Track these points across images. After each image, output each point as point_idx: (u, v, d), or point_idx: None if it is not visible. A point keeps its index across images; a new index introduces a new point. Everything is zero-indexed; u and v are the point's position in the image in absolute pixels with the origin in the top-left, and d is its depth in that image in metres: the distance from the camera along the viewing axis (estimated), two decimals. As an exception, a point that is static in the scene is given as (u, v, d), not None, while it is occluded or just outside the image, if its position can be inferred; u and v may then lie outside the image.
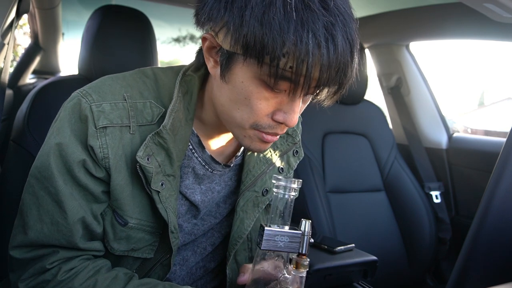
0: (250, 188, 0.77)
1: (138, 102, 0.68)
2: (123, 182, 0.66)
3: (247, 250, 0.81)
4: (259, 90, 0.59)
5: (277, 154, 0.80)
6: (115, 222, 0.67)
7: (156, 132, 0.65)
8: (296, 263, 0.64)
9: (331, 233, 1.43)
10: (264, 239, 0.62)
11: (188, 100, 0.70)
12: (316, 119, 1.60)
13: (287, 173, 0.82)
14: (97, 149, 0.64)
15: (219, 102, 0.65)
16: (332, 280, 1.03)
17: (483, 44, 2.02)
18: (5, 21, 1.02)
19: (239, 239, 0.77)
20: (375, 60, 2.00)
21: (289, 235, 0.63)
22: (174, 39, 4.09)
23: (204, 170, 0.75)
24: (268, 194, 0.78)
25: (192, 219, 0.76)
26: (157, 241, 0.71)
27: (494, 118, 4.63)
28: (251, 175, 0.77)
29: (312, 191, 1.46)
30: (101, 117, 0.64)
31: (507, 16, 0.95)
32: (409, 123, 1.88)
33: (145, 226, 0.69)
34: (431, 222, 1.61)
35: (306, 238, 0.64)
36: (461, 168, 1.75)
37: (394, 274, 1.55)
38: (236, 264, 0.80)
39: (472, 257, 0.57)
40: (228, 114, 0.64)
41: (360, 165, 1.63)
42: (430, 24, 1.69)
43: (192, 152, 0.73)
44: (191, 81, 0.70)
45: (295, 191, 0.64)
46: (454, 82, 6.65)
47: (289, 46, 0.53)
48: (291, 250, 0.64)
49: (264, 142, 0.66)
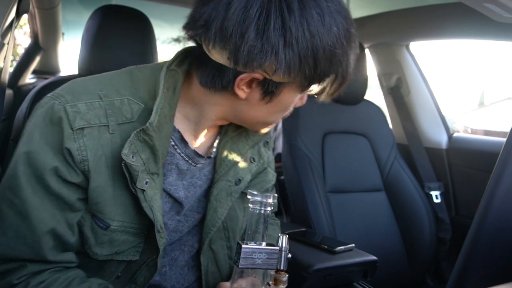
0: (223, 178, 0.77)
1: (115, 100, 0.66)
2: (103, 184, 0.64)
3: (224, 240, 0.81)
4: (296, 98, 0.70)
5: (249, 145, 0.81)
6: (96, 227, 0.66)
7: (141, 129, 0.64)
8: (274, 279, 0.64)
9: (331, 233, 1.43)
10: (241, 257, 0.61)
11: (171, 95, 0.69)
12: (316, 119, 1.60)
13: (258, 163, 0.83)
14: (75, 152, 0.62)
15: (252, 117, 0.71)
16: (332, 280, 1.03)
17: (483, 44, 2.02)
18: (5, 21, 1.02)
19: (212, 227, 0.76)
20: (375, 60, 2.00)
21: (267, 252, 0.62)
22: (174, 39, 4.10)
23: (187, 165, 0.75)
24: (241, 184, 0.79)
25: (176, 216, 0.75)
26: (142, 242, 0.70)
27: (494, 118, 4.63)
28: (224, 165, 0.78)
29: (312, 191, 1.46)
30: (77, 118, 0.62)
31: (507, 16, 0.95)
32: (409, 123, 1.88)
33: (129, 228, 0.67)
34: (431, 222, 1.61)
35: (284, 253, 0.64)
36: (461, 168, 1.75)
37: (394, 274, 1.55)
38: (212, 253, 0.79)
39: (472, 257, 0.57)
40: (260, 121, 0.73)
41: (360, 165, 1.63)
42: (430, 24, 1.69)
43: (175, 148, 0.72)
44: (175, 76, 0.70)
45: (271, 206, 0.64)
46: (454, 82, 6.66)
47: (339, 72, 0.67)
48: (269, 266, 0.63)
49: None
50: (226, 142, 0.79)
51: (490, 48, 13.50)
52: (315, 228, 1.41)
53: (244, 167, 0.80)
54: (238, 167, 0.79)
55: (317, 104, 1.71)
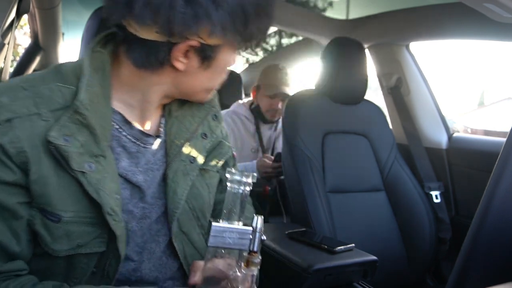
0: (176, 158, 0.76)
1: (42, 88, 0.64)
2: (46, 173, 0.61)
3: (194, 220, 0.79)
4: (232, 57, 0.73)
5: (196, 121, 0.81)
6: (48, 222, 0.63)
7: (74, 111, 0.62)
8: (246, 260, 0.62)
9: (331, 233, 1.43)
10: (211, 235, 0.60)
11: (101, 76, 0.68)
12: (316, 119, 1.60)
13: (211, 138, 0.82)
14: (8, 146, 0.59)
15: (194, 86, 0.73)
16: (332, 280, 1.04)
17: (483, 44, 2.02)
18: (5, 21, 1.02)
19: (175, 209, 0.75)
20: (375, 60, 2.00)
21: (239, 232, 0.61)
22: (174, 39, 4.10)
23: (136, 147, 0.73)
24: (196, 161, 0.78)
25: (140, 202, 0.73)
26: (105, 232, 0.67)
27: (494, 118, 4.63)
28: (174, 146, 0.77)
29: (312, 191, 1.46)
30: (1, 110, 0.60)
31: (507, 16, 0.95)
32: (409, 123, 1.88)
33: (84, 218, 0.65)
34: (431, 222, 1.61)
35: (258, 235, 0.62)
36: (461, 168, 1.75)
37: (394, 274, 1.55)
38: (185, 235, 0.78)
39: (472, 257, 0.57)
40: (202, 89, 0.74)
41: (360, 165, 1.63)
42: (430, 24, 1.69)
43: (120, 131, 0.71)
44: (101, 57, 0.69)
45: (249, 185, 0.63)
46: (454, 82, 6.66)
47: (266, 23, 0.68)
48: (240, 247, 0.62)
49: None
50: (172, 123, 0.78)
51: (490, 48, 13.52)
52: (315, 228, 1.41)
53: (196, 144, 0.79)
54: (190, 145, 0.78)
55: (317, 104, 1.71)
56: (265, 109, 2.08)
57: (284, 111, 1.62)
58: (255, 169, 1.85)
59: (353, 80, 1.64)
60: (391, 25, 1.85)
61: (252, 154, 2.07)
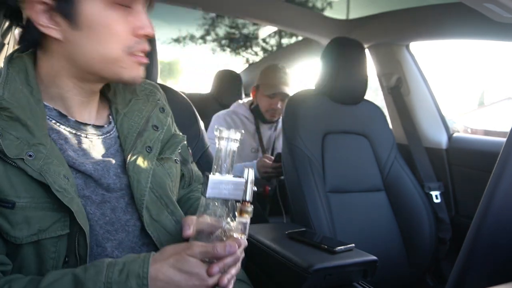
0: (133, 151, 0.79)
1: None
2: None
3: (163, 207, 0.81)
4: (112, 15, 0.69)
5: (144, 117, 0.84)
6: (2, 209, 0.64)
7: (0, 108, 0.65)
8: (240, 210, 0.67)
9: (331, 233, 1.43)
10: (209, 187, 0.64)
11: (25, 77, 0.71)
12: (316, 119, 1.60)
13: (162, 130, 0.86)
14: None
15: (83, 54, 0.71)
16: (332, 280, 1.03)
17: (483, 44, 2.02)
18: (5, 21, 1.02)
19: (142, 197, 0.77)
20: (375, 60, 2.00)
21: (234, 183, 0.66)
22: (174, 39, 4.09)
23: (77, 138, 0.76)
24: (153, 151, 0.81)
25: (98, 189, 0.75)
26: (65, 215, 0.68)
27: (494, 118, 4.63)
28: (128, 140, 0.80)
29: (312, 191, 1.46)
30: None
31: (507, 16, 0.95)
32: (409, 123, 1.88)
33: (41, 203, 0.66)
34: (431, 222, 1.61)
35: (250, 185, 0.67)
36: (461, 168, 1.75)
37: (394, 274, 1.55)
38: (157, 222, 0.79)
39: (472, 257, 0.57)
40: (99, 57, 0.71)
41: (360, 165, 1.63)
42: (430, 24, 1.69)
43: (58, 126, 0.74)
44: (21, 60, 0.73)
45: (236, 141, 0.67)
46: (454, 82, 6.65)
47: None
48: (235, 197, 0.66)
49: (139, 65, 0.74)
50: (122, 120, 0.82)
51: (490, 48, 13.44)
52: (315, 228, 1.41)
53: (149, 136, 0.82)
54: (143, 137, 0.81)
55: (317, 104, 1.71)
56: (265, 109, 2.08)
57: (284, 111, 1.62)
58: (255, 169, 1.86)
59: (353, 80, 1.64)
60: (391, 25, 1.85)
61: (252, 154, 2.08)
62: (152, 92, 0.91)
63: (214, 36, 4.06)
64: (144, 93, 0.89)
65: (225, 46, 4.41)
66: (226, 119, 2.08)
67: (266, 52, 4.07)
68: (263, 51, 4.19)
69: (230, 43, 4.38)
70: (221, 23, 3.81)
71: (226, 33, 4.06)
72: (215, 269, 0.65)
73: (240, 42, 4.26)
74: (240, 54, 4.45)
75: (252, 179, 0.67)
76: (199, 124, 1.25)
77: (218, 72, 2.90)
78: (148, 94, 0.90)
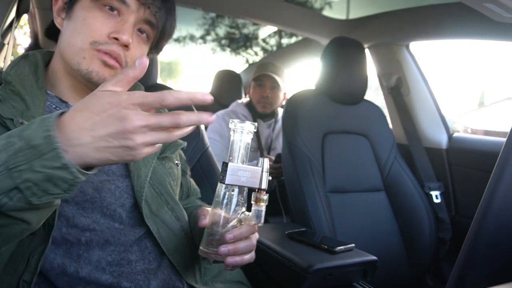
0: None
1: None
2: None
3: (164, 203, 0.83)
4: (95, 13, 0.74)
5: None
6: None
7: (4, 81, 0.72)
8: (256, 198, 0.69)
9: (331, 233, 1.43)
10: (228, 174, 0.66)
11: (34, 69, 0.78)
12: (316, 119, 1.60)
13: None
14: None
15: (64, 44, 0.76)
16: (332, 280, 1.03)
17: (483, 44, 2.02)
18: (5, 21, 1.03)
19: (142, 189, 0.79)
20: (375, 60, 2.00)
21: (251, 171, 0.68)
22: (174, 39, 4.09)
23: None
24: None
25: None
26: None
27: (494, 118, 4.63)
28: None
29: (312, 191, 1.46)
30: None
31: (507, 16, 0.95)
32: (409, 123, 1.88)
33: None
34: (431, 222, 1.61)
35: (266, 174, 0.69)
36: (461, 168, 1.75)
37: (394, 274, 1.55)
38: (157, 217, 0.80)
39: (472, 257, 0.57)
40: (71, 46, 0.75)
41: (360, 165, 1.63)
42: (430, 24, 1.69)
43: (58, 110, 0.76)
44: (33, 56, 0.80)
45: (250, 133, 0.70)
46: (454, 82, 6.65)
47: None
48: (252, 185, 0.68)
49: (104, 66, 0.74)
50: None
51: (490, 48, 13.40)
52: (315, 228, 1.41)
53: None
54: None
55: (317, 104, 1.71)
56: (256, 100, 2.10)
57: (284, 111, 1.62)
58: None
59: (353, 80, 1.64)
60: (391, 25, 1.85)
61: (252, 153, 2.08)
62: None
63: (214, 36, 4.06)
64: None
65: (225, 46, 4.41)
66: (225, 118, 2.09)
67: (266, 52, 4.07)
68: (263, 51, 4.19)
69: (230, 43, 4.37)
70: (221, 23, 3.81)
71: (226, 33, 4.06)
72: (223, 249, 0.66)
73: (240, 42, 4.26)
74: (240, 54, 4.45)
75: (267, 168, 0.69)
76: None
77: (218, 72, 2.91)
78: None
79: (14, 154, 0.51)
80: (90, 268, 0.72)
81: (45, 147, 0.50)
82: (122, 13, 0.76)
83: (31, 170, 0.50)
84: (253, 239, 0.72)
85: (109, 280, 0.73)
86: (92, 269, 0.72)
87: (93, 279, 0.72)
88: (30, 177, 0.51)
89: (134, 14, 0.76)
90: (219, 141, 2.02)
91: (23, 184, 0.51)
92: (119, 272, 0.74)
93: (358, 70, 1.64)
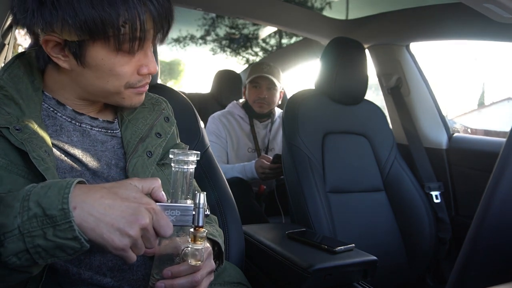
0: (134, 155, 0.81)
1: None
2: None
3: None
4: (118, 59, 0.71)
5: (149, 123, 0.87)
6: None
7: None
8: (193, 236, 0.66)
9: (331, 233, 1.43)
10: None
11: (29, 70, 0.77)
12: (316, 119, 1.60)
13: (165, 137, 0.88)
14: None
15: (87, 84, 0.74)
16: (332, 280, 1.04)
17: (482, 44, 2.02)
18: (5, 21, 1.03)
19: None
20: (375, 60, 2.01)
21: (180, 209, 0.64)
22: (174, 39, 4.09)
23: (73, 125, 0.78)
24: (153, 156, 0.84)
25: (82, 176, 0.75)
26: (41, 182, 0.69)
27: (494, 118, 4.63)
28: (131, 144, 0.82)
29: (312, 191, 1.46)
30: None
31: (507, 16, 0.95)
32: (409, 123, 1.88)
33: (16, 169, 0.67)
34: (431, 222, 1.61)
35: (201, 210, 0.65)
36: (461, 168, 1.75)
37: (394, 274, 1.55)
38: None
39: (472, 257, 0.57)
40: (101, 90, 0.74)
41: (360, 165, 1.63)
42: (430, 24, 1.69)
43: (55, 113, 0.77)
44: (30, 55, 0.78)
45: (193, 163, 0.67)
46: (454, 82, 6.64)
47: (124, 15, 0.66)
48: (183, 223, 0.65)
49: (140, 94, 0.78)
50: (126, 126, 0.85)
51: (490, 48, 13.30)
52: (315, 228, 1.41)
53: (151, 141, 0.85)
54: (146, 142, 0.84)
55: (317, 104, 1.71)
56: (252, 100, 2.10)
57: (284, 111, 1.62)
58: (253, 170, 1.86)
59: (353, 80, 1.64)
60: (391, 25, 1.85)
61: (249, 154, 2.08)
62: (158, 102, 0.94)
63: (214, 36, 4.06)
64: (151, 102, 0.92)
65: (225, 46, 4.41)
66: (221, 119, 2.09)
67: (266, 52, 4.07)
68: (263, 51, 4.19)
69: (230, 44, 4.37)
70: (221, 24, 3.81)
71: (226, 34, 4.06)
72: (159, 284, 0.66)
73: (240, 42, 4.26)
74: (240, 54, 4.45)
75: (203, 203, 0.66)
76: (199, 124, 1.25)
77: (218, 72, 2.91)
78: (154, 103, 0.93)
79: (29, 219, 0.54)
80: (91, 273, 0.72)
81: (60, 219, 0.54)
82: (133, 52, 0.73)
83: (43, 238, 0.54)
84: (197, 275, 0.69)
85: (110, 283, 0.73)
86: (94, 274, 0.72)
87: (95, 281, 0.72)
88: (41, 244, 0.54)
89: (149, 41, 0.74)
90: (216, 142, 2.02)
91: (33, 249, 0.54)
92: (120, 277, 0.74)
93: (358, 70, 1.64)
